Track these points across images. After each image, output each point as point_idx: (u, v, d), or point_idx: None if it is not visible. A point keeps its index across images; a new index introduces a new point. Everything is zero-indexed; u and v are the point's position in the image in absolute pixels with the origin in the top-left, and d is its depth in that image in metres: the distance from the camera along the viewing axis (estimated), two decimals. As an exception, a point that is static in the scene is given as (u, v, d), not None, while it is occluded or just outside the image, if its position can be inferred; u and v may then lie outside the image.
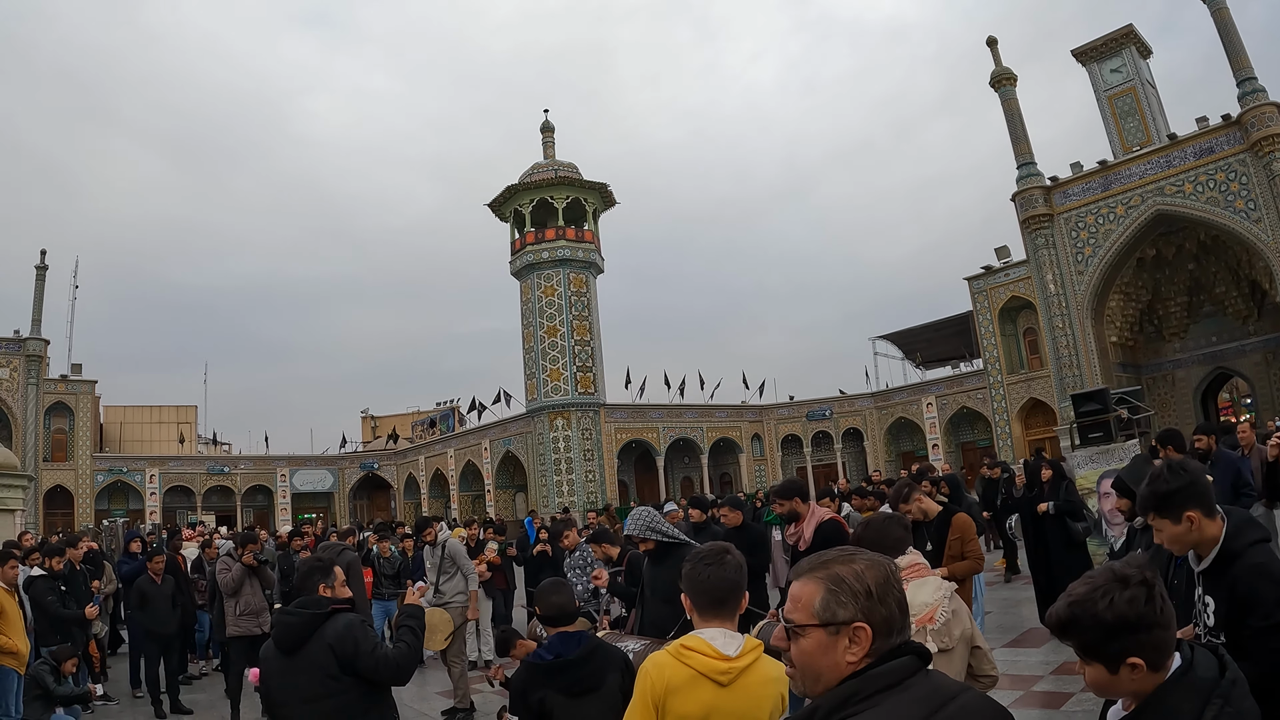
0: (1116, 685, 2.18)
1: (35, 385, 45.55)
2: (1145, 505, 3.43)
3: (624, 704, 3.99)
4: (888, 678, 1.87)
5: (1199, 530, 3.33)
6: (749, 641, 3.03)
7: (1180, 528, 3.33)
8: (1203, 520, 3.32)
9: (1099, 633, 2.12)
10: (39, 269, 46.52)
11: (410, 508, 53.53)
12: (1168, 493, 3.34)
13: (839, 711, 1.86)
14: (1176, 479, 3.35)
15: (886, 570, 1.99)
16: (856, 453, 48.12)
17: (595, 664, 4.07)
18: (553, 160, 45.41)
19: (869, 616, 1.92)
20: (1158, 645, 2.12)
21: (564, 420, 41.88)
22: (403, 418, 65.40)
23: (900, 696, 1.84)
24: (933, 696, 1.87)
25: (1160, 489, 3.36)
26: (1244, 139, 28.98)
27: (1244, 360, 34.62)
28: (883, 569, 1.99)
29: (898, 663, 1.90)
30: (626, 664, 4.12)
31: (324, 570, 4.78)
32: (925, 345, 49.59)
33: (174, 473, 51.54)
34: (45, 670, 9.12)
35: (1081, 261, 33.45)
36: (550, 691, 4.06)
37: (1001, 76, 35.23)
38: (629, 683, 4.01)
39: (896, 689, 1.86)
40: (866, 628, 1.92)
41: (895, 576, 1.99)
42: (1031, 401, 38.15)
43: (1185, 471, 3.39)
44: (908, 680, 1.88)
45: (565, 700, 4.03)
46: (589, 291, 43.60)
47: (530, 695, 4.11)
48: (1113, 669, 2.14)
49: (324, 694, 4.43)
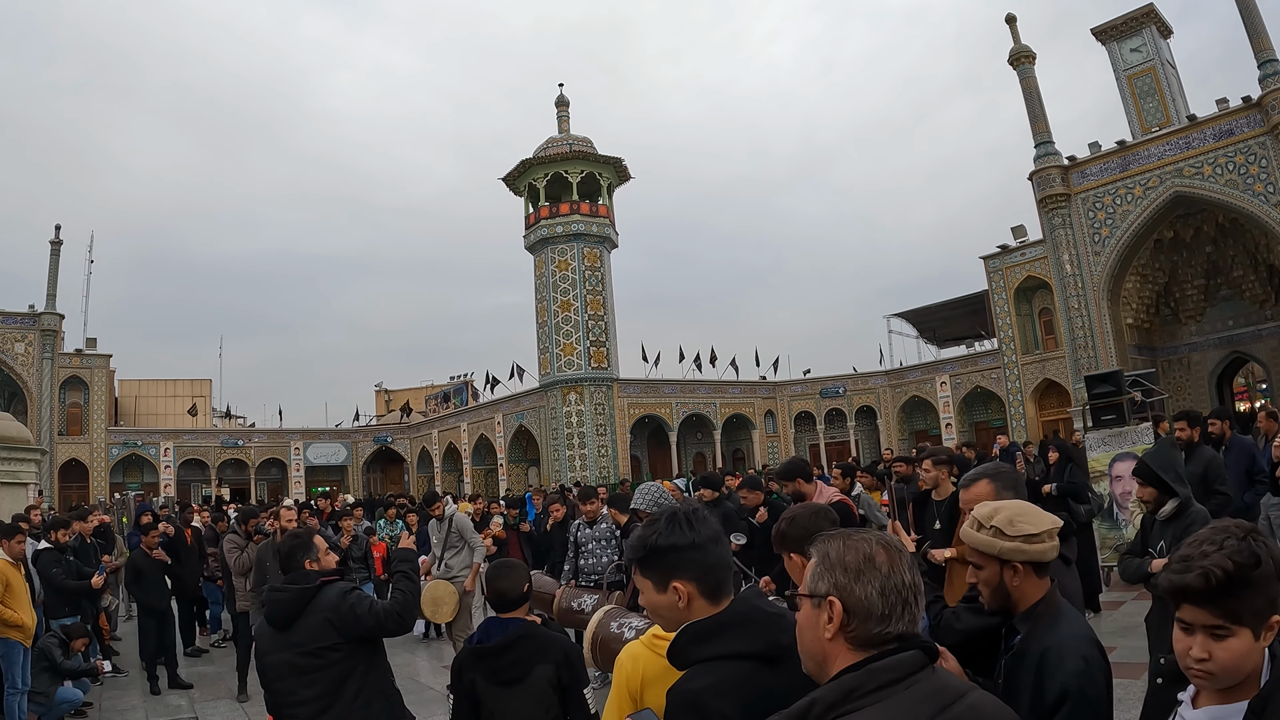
0: (1252, 655, 1.97)
1: (50, 360, 45.68)
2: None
3: (559, 697, 3.94)
4: (890, 673, 1.80)
5: None
6: None
7: None
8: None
9: (1250, 586, 1.92)
10: (54, 244, 46.59)
11: (423, 481, 53.66)
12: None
13: (839, 706, 1.78)
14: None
15: (870, 552, 1.92)
16: (870, 430, 47.98)
17: (518, 654, 3.99)
18: (567, 134, 45.20)
19: (842, 594, 1.88)
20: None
21: (577, 395, 41.85)
22: (416, 391, 65.58)
23: (904, 694, 1.78)
24: (939, 695, 1.80)
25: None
26: (1264, 121, 28.65)
27: (1260, 345, 34.37)
28: (863, 550, 1.92)
29: (900, 657, 1.83)
30: (567, 656, 4.01)
31: (305, 546, 4.80)
32: (940, 324, 49.37)
33: (188, 446, 51.76)
34: (54, 644, 9.18)
35: (1098, 242, 33.22)
36: (478, 676, 4.04)
37: (1020, 54, 34.91)
38: (567, 675, 3.96)
39: (899, 685, 1.79)
40: (837, 602, 1.87)
41: (887, 561, 1.90)
42: (1046, 382, 37.95)
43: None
44: (912, 676, 1.81)
45: (490, 687, 4.00)
46: (603, 266, 43.50)
47: (464, 676, 4.10)
48: (1258, 632, 1.95)
49: (319, 666, 4.45)
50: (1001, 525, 2.82)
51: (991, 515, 2.87)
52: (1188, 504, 5.41)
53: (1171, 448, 5.79)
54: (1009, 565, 2.82)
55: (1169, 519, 5.40)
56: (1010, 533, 2.79)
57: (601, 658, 5.64)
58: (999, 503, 2.97)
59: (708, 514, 2.68)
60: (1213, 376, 35.53)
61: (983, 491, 3.75)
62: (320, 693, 4.45)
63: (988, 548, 2.84)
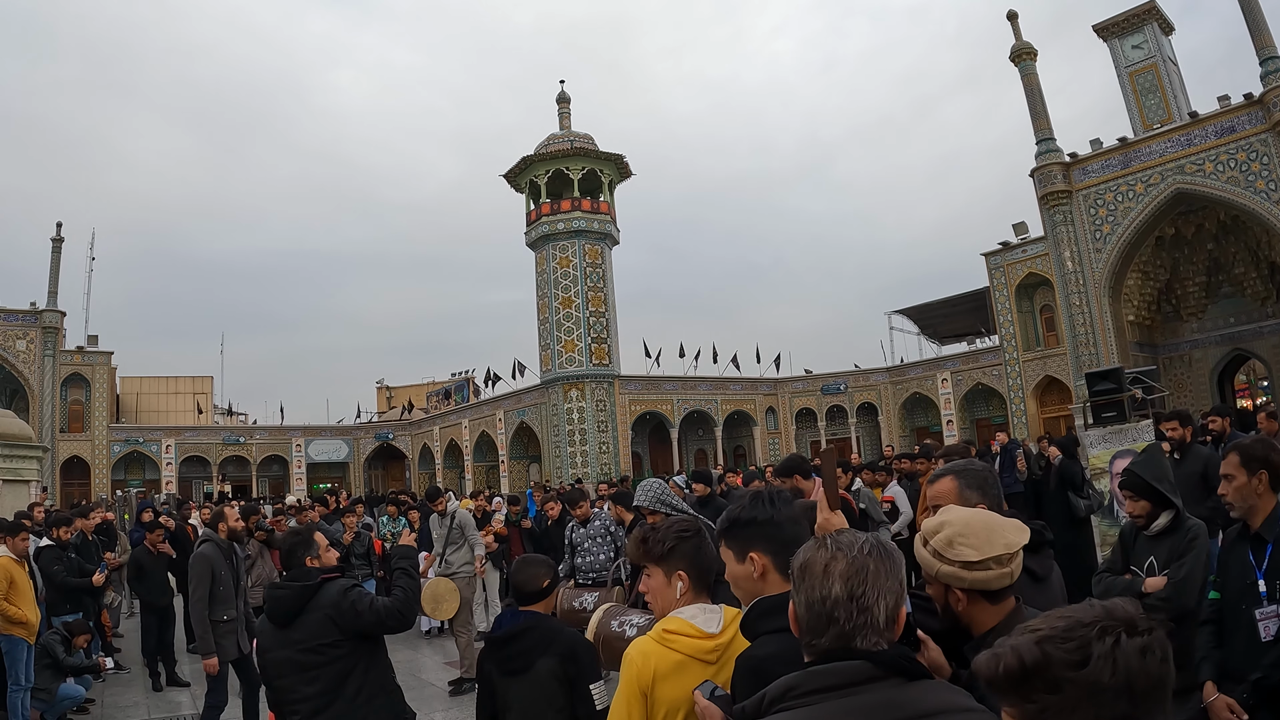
0: None
1: (52, 357, 45.73)
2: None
3: (563, 690, 3.96)
4: (826, 679, 1.79)
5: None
6: (728, 612, 2.94)
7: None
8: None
9: (1057, 692, 1.33)
10: (55, 241, 46.58)
11: (425, 478, 53.67)
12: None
13: (779, 701, 1.83)
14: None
15: (810, 559, 1.91)
16: (871, 427, 47.98)
17: (523, 645, 3.99)
18: (568, 131, 45.13)
19: (794, 598, 1.92)
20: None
21: (578, 391, 41.83)
22: (418, 388, 65.60)
23: (839, 702, 1.75)
24: (882, 709, 1.73)
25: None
26: (1266, 119, 28.55)
27: (1261, 342, 34.31)
28: (806, 556, 1.93)
29: (839, 665, 1.80)
30: (572, 650, 4.01)
31: (305, 544, 4.83)
32: (941, 321, 49.34)
33: (190, 443, 51.84)
34: (56, 641, 9.20)
35: (1100, 239, 33.18)
36: (491, 665, 4.08)
37: (1022, 51, 34.85)
38: (573, 668, 3.97)
39: (835, 692, 1.77)
40: (792, 605, 1.91)
41: (821, 573, 1.87)
42: (1047, 379, 37.94)
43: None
44: (857, 687, 1.76)
45: (500, 677, 4.02)
46: (604, 263, 43.44)
47: (483, 665, 4.14)
48: None
49: (320, 663, 4.49)
50: (939, 546, 2.49)
51: (935, 530, 2.54)
52: (1182, 516, 4.88)
53: (1162, 455, 5.26)
54: (950, 590, 2.51)
55: (1161, 533, 4.87)
56: (949, 556, 2.46)
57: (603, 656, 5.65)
58: (948, 515, 2.60)
59: (790, 496, 2.86)
60: (1214, 374, 35.48)
61: (944, 489, 3.30)
62: (321, 689, 4.48)
63: (926, 567, 2.55)
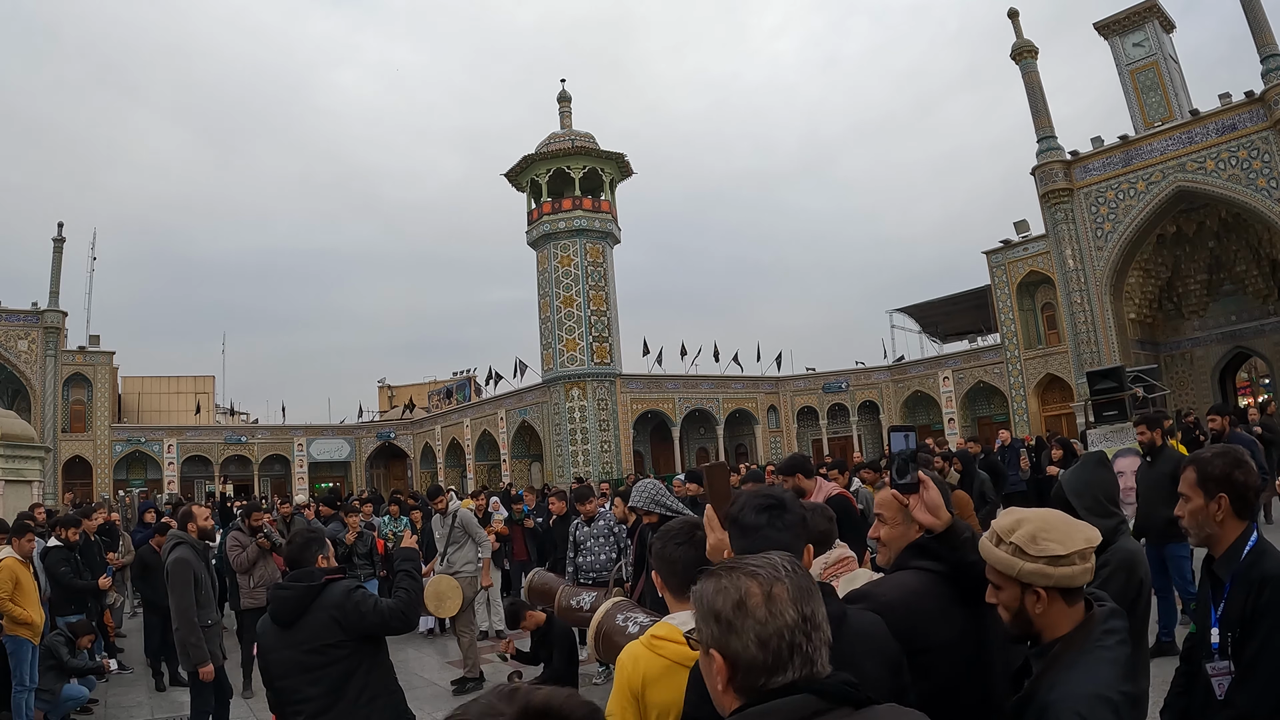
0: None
1: (53, 357, 45.78)
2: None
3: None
4: (774, 718, 1.62)
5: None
6: None
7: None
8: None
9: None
10: (56, 241, 46.61)
11: (427, 477, 53.63)
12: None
13: None
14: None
15: (741, 596, 1.67)
16: (872, 426, 47.92)
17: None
18: (570, 130, 45.07)
19: (719, 647, 1.68)
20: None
21: (580, 390, 41.81)
22: (419, 387, 65.52)
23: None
24: None
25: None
26: (1267, 116, 28.60)
27: (1263, 340, 34.34)
28: (733, 595, 1.68)
29: (780, 703, 1.63)
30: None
31: (319, 542, 4.87)
32: (943, 319, 49.32)
33: (192, 442, 51.87)
34: (60, 642, 9.22)
35: (1101, 237, 33.19)
36: None
37: (1023, 49, 34.87)
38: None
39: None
40: (718, 656, 1.68)
41: (763, 604, 1.66)
42: (1048, 377, 37.88)
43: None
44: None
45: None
46: (605, 262, 43.40)
47: None
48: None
49: (323, 663, 4.49)
50: (1022, 542, 2.38)
51: (1013, 528, 2.43)
52: (1111, 536, 3.82)
53: (1098, 465, 4.48)
54: (1030, 590, 2.39)
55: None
56: (1032, 552, 2.36)
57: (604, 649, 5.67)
58: (1023, 513, 2.50)
59: (792, 499, 2.90)
60: (1215, 371, 35.49)
61: (887, 495, 3.07)
62: (324, 690, 4.48)
63: (1006, 568, 2.41)
